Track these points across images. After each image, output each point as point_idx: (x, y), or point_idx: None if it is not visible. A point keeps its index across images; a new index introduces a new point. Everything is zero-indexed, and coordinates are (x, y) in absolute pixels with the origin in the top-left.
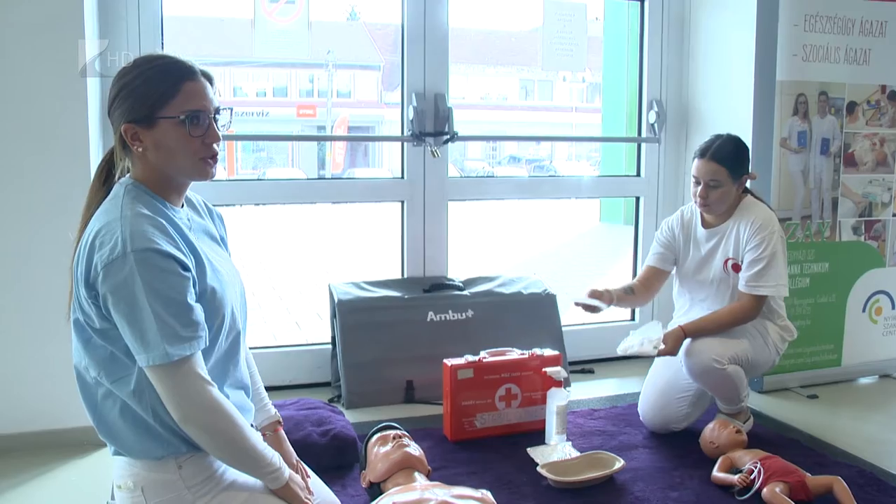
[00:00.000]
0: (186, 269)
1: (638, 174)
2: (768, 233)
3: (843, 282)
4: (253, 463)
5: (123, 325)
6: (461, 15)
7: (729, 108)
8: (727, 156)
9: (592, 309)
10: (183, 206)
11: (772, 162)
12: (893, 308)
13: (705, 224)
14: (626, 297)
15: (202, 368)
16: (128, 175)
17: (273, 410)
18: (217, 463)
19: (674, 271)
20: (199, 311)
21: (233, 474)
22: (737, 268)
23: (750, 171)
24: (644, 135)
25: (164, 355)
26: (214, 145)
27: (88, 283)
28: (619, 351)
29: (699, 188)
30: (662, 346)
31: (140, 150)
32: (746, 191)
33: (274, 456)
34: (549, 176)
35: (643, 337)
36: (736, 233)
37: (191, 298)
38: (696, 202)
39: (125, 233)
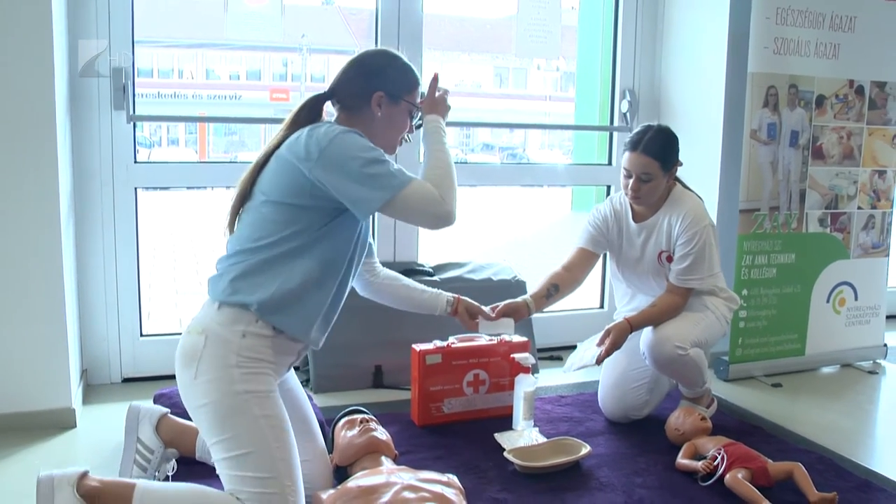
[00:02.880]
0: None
1: (609, 163)
2: (700, 227)
3: (809, 273)
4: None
5: (345, 181)
6: (436, 1)
7: (700, 99)
8: (659, 149)
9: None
10: None
11: (741, 153)
12: (856, 299)
13: (636, 217)
14: (549, 299)
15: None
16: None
17: (446, 293)
18: (269, 353)
19: (608, 260)
20: None
21: (272, 373)
22: (671, 259)
23: (679, 159)
24: (616, 124)
25: (399, 184)
26: (408, 137)
27: (310, 161)
28: (566, 370)
29: (631, 181)
30: (596, 355)
31: (378, 113)
32: (675, 178)
33: None
34: (521, 163)
35: (585, 351)
36: (668, 225)
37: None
38: (626, 194)
39: (338, 126)
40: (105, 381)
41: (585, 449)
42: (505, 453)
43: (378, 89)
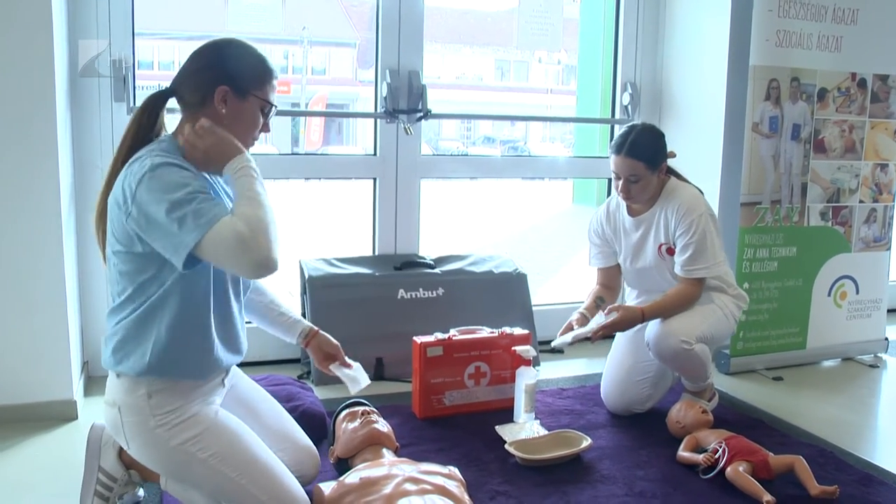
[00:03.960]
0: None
1: None
2: (696, 216)
3: (810, 266)
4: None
5: (155, 230)
6: None
7: (702, 92)
8: (643, 150)
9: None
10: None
11: (743, 146)
12: (857, 293)
13: (631, 212)
14: (599, 308)
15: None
16: (171, 134)
17: (305, 323)
18: (182, 398)
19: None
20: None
21: (195, 408)
22: (671, 251)
23: (669, 151)
24: (618, 116)
25: (206, 223)
26: (261, 136)
27: (126, 207)
28: (556, 344)
29: (620, 182)
30: (598, 324)
31: (222, 111)
32: (670, 170)
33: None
34: (522, 156)
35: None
36: (664, 219)
37: (200, 183)
38: (619, 195)
39: (150, 160)
40: (106, 372)
41: (586, 441)
42: (506, 446)
43: (222, 83)
